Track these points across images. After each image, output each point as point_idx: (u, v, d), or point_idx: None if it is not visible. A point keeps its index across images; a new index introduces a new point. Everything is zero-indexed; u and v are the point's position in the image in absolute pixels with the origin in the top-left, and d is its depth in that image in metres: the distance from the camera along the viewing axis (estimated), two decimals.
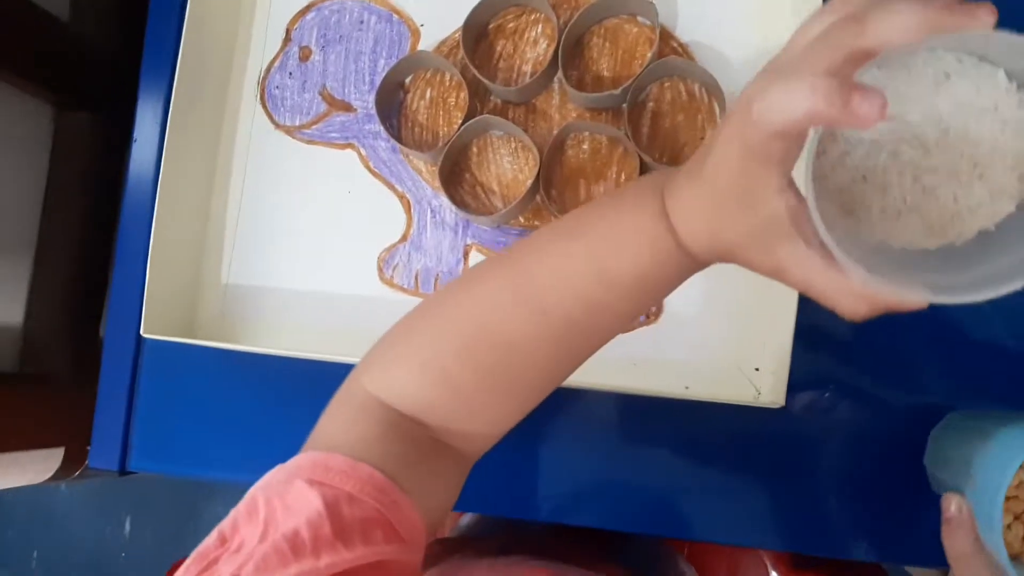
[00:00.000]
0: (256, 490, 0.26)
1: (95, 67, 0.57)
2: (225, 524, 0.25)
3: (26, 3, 0.51)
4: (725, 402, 0.38)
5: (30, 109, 0.55)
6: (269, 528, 0.24)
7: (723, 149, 0.24)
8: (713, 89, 0.41)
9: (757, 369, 0.41)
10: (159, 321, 0.43)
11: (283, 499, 0.25)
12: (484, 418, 0.30)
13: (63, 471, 0.55)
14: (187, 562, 0.24)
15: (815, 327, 0.41)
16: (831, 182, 0.26)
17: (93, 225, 0.58)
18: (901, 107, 0.26)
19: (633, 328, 0.42)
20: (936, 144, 0.26)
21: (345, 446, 0.27)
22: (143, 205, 0.46)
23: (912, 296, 0.23)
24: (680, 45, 0.43)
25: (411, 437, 0.29)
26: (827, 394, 0.41)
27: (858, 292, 0.24)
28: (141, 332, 0.42)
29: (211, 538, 0.25)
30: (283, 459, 0.45)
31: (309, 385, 0.45)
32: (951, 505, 0.34)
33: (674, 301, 0.42)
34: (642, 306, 0.28)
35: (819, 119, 0.20)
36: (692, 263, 0.27)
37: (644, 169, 0.41)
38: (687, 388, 0.41)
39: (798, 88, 0.20)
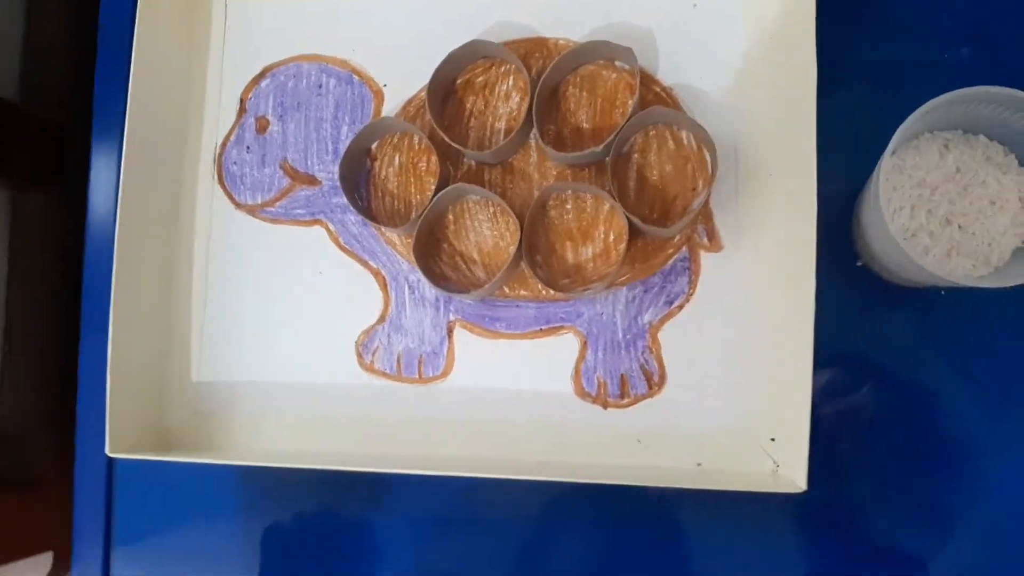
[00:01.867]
0: None
1: (51, 146, 0.54)
2: None
3: None
4: (740, 488, 0.34)
5: None
6: None
7: None
8: (702, 137, 0.38)
9: (773, 439, 0.37)
10: (126, 436, 0.39)
11: None
12: None
13: (54, 574, 0.52)
14: None
15: (834, 391, 0.38)
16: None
17: (63, 311, 0.55)
18: (921, 175, 0.35)
19: (636, 401, 0.39)
20: (958, 195, 0.35)
21: None
22: (103, 301, 0.43)
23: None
24: (663, 90, 0.40)
25: None
26: (854, 469, 0.38)
27: None
28: (106, 452, 0.39)
29: None
30: (273, 567, 0.42)
31: (291, 490, 0.42)
32: None
33: (678, 368, 0.39)
34: None
35: None
36: None
37: (632, 228, 0.38)
38: (699, 464, 0.38)
39: None
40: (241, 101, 0.44)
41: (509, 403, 0.40)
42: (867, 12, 0.40)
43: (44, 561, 0.55)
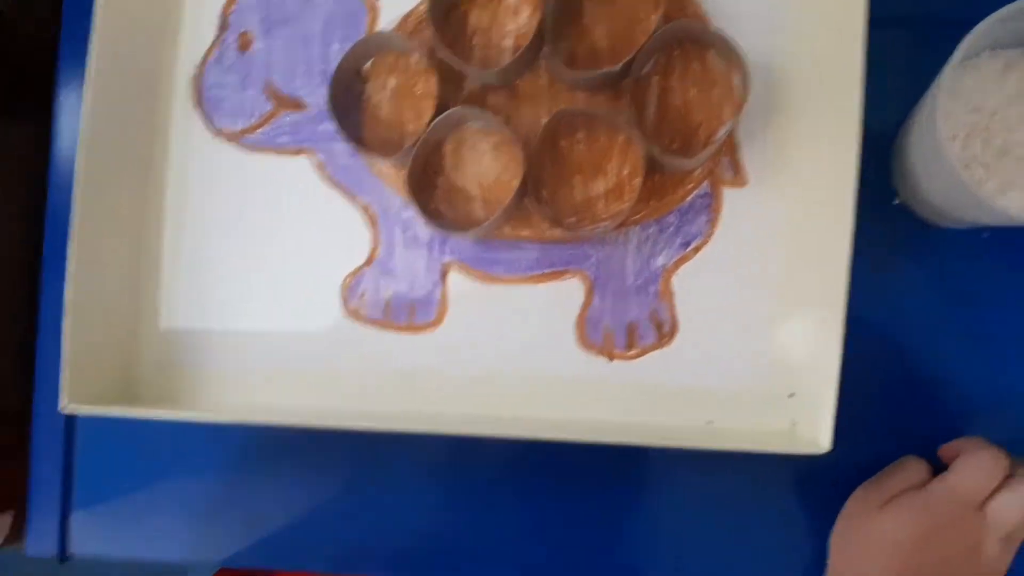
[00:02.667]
0: None
1: (13, 70, 0.50)
2: None
3: None
4: (756, 449, 0.31)
5: None
6: None
7: None
8: (732, 57, 0.34)
9: (792, 395, 0.34)
10: (85, 386, 0.36)
11: None
12: None
13: (12, 537, 0.49)
14: None
15: (862, 342, 0.34)
16: None
17: (27, 260, 0.51)
18: (980, 98, 0.31)
19: (644, 353, 0.36)
20: (1018, 122, 0.30)
21: None
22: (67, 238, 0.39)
23: None
24: (692, 4, 0.36)
25: None
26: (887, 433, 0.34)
27: None
28: (61, 405, 0.35)
29: None
30: (245, 534, 0.39)
31: (268, 449, 0.39)
32: None
33: (690, 317, 0.35)
34: None
35: None
36: None
37: (651, 161, 0.34)
38: (711, 422, 0.35)
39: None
40: (222, 16, 0.40)
41: (506, 353, 0.36)
42: None
43: (2, 524, 0.52)
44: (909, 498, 0.31)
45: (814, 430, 0.31)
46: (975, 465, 0.30)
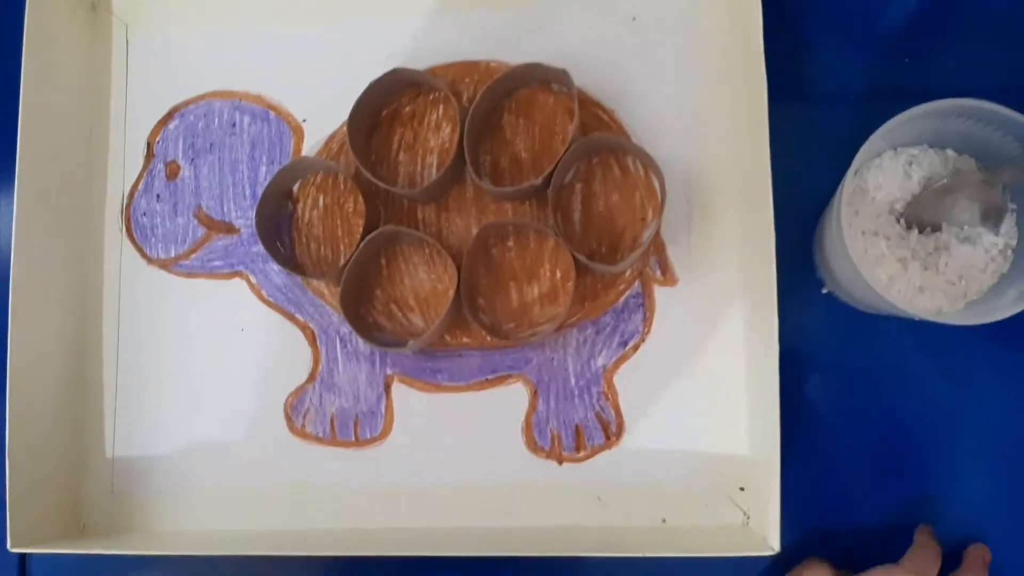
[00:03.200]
0: None
1: None
2: None
3: None
4: (708, 554, 0.31)
5: None
6: None
7: None
8: (649, 163, 0.35)
9: (742, 489, 0.34)
10: (32, 524, 0.35)
11: None
12: None
13: None
14: None
15: (806, 431, 0.35)
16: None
17: None
18: (885, 196, 0.32)
19: (593, 454, 0.36)
20: (923, 221, 0.31)
21: None
22: (1, 373, 0.38)
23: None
24: (606, 112, 0.37)
25: None
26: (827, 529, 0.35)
27: None
28: (8, 546, 0.34)
29: None
30: None
31: (224, 570, 0.38)
32: None
33: (636, 414, 0.36)
34: None
35: None
36: None
37: (579, 265, 0.35)
38: (664, 521, 0.35)
39: None
40: (148, 145, 0.40)
41: (455, 463, 0.36)
42: (818, 23, 0.38)
43: None
44: None
45: (764, 526, 0.31)
46: None
